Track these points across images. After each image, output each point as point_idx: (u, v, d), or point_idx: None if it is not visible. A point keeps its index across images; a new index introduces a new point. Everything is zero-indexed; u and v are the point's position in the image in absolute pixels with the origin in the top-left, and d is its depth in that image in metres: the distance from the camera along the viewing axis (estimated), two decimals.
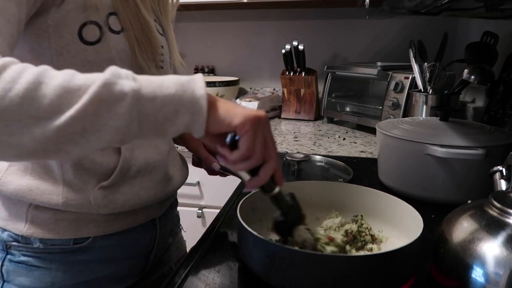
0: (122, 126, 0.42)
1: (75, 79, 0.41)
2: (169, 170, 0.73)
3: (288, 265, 0.53)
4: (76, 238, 0.64)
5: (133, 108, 0.42)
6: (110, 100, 0.41)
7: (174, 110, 0.44)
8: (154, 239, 0.74)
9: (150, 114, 0.43)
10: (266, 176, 0.52)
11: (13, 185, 0.61)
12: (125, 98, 0.41)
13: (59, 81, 0.41)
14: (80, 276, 0.65)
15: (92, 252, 0.65)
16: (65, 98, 0.40)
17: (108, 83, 0.41)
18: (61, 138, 0.41)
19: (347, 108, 1.76)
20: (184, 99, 0.44)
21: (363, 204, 0.72)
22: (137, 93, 0.42)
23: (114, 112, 0.41)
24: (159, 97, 0.43)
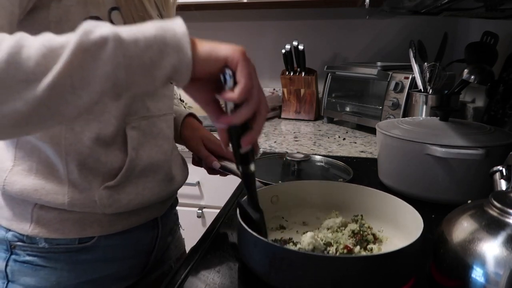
0: (109, 72, 0.41)
1: (55, 38, 0.41)
2: (172, 170, 0.74)
3: (288, 266, 0.53)
4: (81, 238, 0.64)
5: (117, 51, 0.41)
6: (92, 48, 0.40)
7: (159, 50, 0.43)
8: (155, 238, 0.75)
9: (135, 57, 0.42)
10: (260, 128, 0.49)
11: (18, 185, 0.62)
12: (107, 42, 0.41)
13: (40, 42, 0.40)
14: (84, 275, 0.66)
15: (96, 252, 0.66)
16: (49, 57, 0.40)
17: (87, 31, 0.41)
18: (52, 98, 0.40)
19: (347, 108, 1.76)
20: (167, 38, 0.43)
21: (363, 204, 0.72)
22: (118, 36, 0.41)
23: (98, 59, 0.40)
24: (141, 39, 0.42)
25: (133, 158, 0.65)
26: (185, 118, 0.85)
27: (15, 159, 0.63)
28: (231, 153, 0.84)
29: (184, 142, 0.84)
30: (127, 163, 0.64)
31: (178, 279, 0.60)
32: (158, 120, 0.69)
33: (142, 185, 0.67)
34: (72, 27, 0.56)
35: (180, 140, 0.85)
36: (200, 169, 0.88)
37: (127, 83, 0.43)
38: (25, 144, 0.62)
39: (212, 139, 0.84)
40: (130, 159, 0.64)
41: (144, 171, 0.67)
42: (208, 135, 0.84)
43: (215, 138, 0.85)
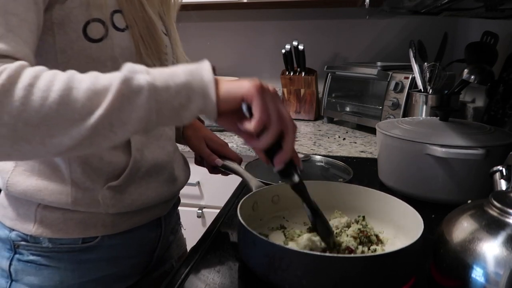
0: (143, 116, 0.46)
1: (99, 81, 0.46)
2: (175, 170, 0.74)
3: (288, 265, 0.53)
4: (84, 238, 0.64)
5: (150, 99, 0.46)
6: (130, 94, 0.45)
7: (187, 96, 0.48)
8: (158, 237, 0.75)
9: (166, 102, 0.47)
10: (289, 148, 0.52)
11: (21, 186, 0.62)
12: (142, 90, 0.46)
13: (86, 85, 0.45)
14: (87, 274, 0.66)
15: (99, 251, 0.66)
16: (94, 100, 0.45)
17: (127, 79, 0.46)
18: (93, 135, 0.45)
19: (347, 108, 1.76)
20: (194, 86, 0.48)
21: (363, 204, 0.72)
22: (152, 85, 0.46)
23: (135, 104, 0.46)
24: (172, 86, 0.47)
25: (137, 159, 0.65)
26: None
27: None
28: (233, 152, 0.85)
29: (187, 142, 0.85)
30: (131, 164, 0.64)
31: (178, 279, 0.60)
32: None
33: (145, 185, 0.67)
34: (74, 29, 0.56)
35: (182, 139, 0.85)
36: (200, 169, 0.88)
37: (157, 123, 0.48)
38: None
39: (214, 138, 0.85)
40: (135, 160, 0.65)
41: (148, 172, 0.67)
42: (210, 134, 0.85)
43: (217, 138, 0.85)
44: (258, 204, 0.71)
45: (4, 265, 0.65)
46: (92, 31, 0.57)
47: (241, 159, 0.85)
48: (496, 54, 1.20)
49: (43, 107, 0.43)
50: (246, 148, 1.44)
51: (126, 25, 0.61)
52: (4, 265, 0.65)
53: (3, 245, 0.65)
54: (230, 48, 2.13)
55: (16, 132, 0.43)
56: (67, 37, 0.57)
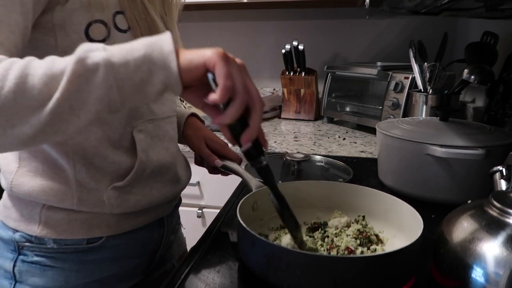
0: (103, 95, 0.45)
1: (55, 64, 0.45)
2: (178, 171, 0.75)
3: (286, 265, 0.53)
4: (89, 238, 0.64)
5: (108, 76, 0.44)
6: (86, 74, 0.44)
7: (148, 70, 0.45)
8: (161, 237, 0.76)
9: (126, 79, 0.45)
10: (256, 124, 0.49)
11: (25, 187, 0.62)
12: (98, 68, 0.44)
13: (42, 70, 0.44)
14: (92, 275, 0.66)
15: (104, 252, 0.66)
16: (50, 84, 0.44)
17: (81, 59, 0.44)
18: (55, 121, 0.44)
19: (347, 108, 1.76)
20: (154, 58, 0.45)
21: (363, 204, 0.72)
22: (109, 61, 0.44)
23: (92, 83, 0.44)
24: (131, 61, 0.45)
25: (143, 161, 0.65)
26: (187, 118, 0.86)
27: (20, 161, 0.63)
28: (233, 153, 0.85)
29: (187, 142, 0.85)
30: (137, 165, 0.64)
31: (178, 279, 0.60)
32: (163, 122, 0.70)
33: (150, 185, 0.68)
34: (76, 31, 0.56)
35: (183, 139, 0.85)
36: (200, 169, 0.88)
37: (121, 101, 0.46)
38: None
39: (214, 138, 0.85)
40: (140, 161, 0.65)
41: (153, 173, 0.68)
42: (210, 134, 0.85)
43: (217, 138, 0.85)
44: (258, 204, 0.71)
45: (7, 266, 0.65)
46: (94, 33, 0.57)
47: (241, 159, 0.85)
48: (496, 54, 1.20)
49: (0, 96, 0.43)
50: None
51: (128, 26, 0.61)
52: (8, 266, 0.65)
53: (7, 246, 0.65)
54: (230, 48, 2.11)
55: None
56: (69, 38, 0.57)
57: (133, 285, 0.73)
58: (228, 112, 0.47)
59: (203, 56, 0.47)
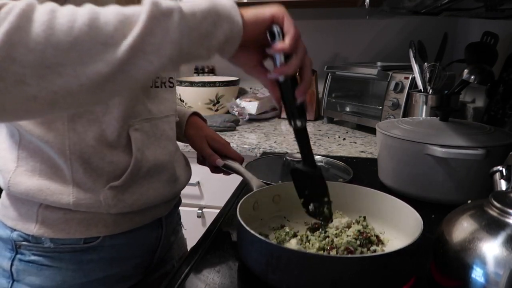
0: (176, 39, 0.45)
1: (126, 9, 0.44)
2: (176, 170, 0.75)
3: (285, 265, 0.53)
4: (86, 238, 0.64)
5: (181, 21, 0.45)
6: (161, 17, 0.44)
7: (212, 22, 0.47)
8: (160, 237, 0.75)
9: (194, 28, 0.46)
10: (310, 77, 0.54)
11: (22, 186, 0.62)
12: (173, 13, 0.44)
13: (113, 11, 0.43)
14: (89, 275, 0.66)
15: (101, 251, 0.66)
16: (125, 23, 0.43)
17: (155, 2, 0.44)
18: (129, 62, 0.43)
19: (347, 108, 1.76)
20: (219, 10, 0.47)
21: (363, 204, 0.72)
22: (180, 8, 0.45)
23: (167, 27, 0.44)
24: (198, 12, 0.46)
25: (138, 159, 0.65)
26: (189, 117, 0.86)
27: (18, 160, 0.63)
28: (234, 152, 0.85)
29: (189, 141, 0.85)
30: (132, 164, 0.64)
31: (178, 279, 0.60)
32: (161, 122, 0.70)
33: (147, 185, 0.67)
34: None
35: (184, 139, 0.85)
36: (200, 169, 0.88)
37: (188, 52, 0.46)
38: (28, 145, 0.62)
39: (216, 138, 0.85)
40: (136, 160, 0.65)
41: (149, 172, 0.68)
42: (211, 134, 0.85)
43: (219, 137, 0.86)
44: (259, 203, 0.71)
45: (5, 265, 0.65)
46: None
47: (243, 158, 0.85)
48: (496, 54, 1.20)
49: (73, 30, 0.40)
50: (246, 148, 1.44)
51: None
52: (6, 265, 0.65)
53: (5, 245, 0.65)
54: None
55: (45, 59, 0.39)
56: None
57: (132, 285, 0.72)
58: (292, 63, 0.52)
59: (269, 10, 0.51)
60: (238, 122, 1.78)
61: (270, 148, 1.42)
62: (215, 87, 1.85)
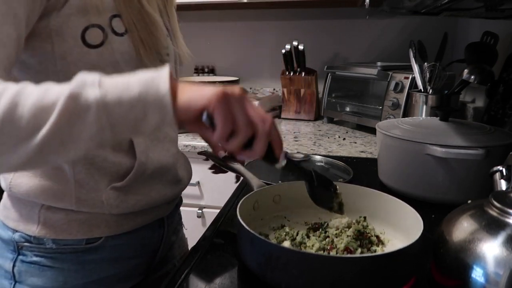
0: (94, 134, 0.44)
1: (48, 95, 0.43)
2: (178, 171, 0.75)
3: (284, 265, 0.53)
4: (88, 238, 0.64)
5: (101, 116, 0.43)
6: (77, 112, 0.43)
7: (142, 110, 0.44)
8: (161, 237, 0.75)
9: (119, 118, 0.44)
10: (259, 149, 0.49)
11: (24, 187, 0.62)
12: (90, 108, 0.43)
13: (33, 101, 0.43)
14: (91, 275, 0.66)
15: (103, 252, 0.66)
16: (40, 117, 0.42)
17: (74, 95, 0.43)
18: (44, 152, 0.43)
19: (347, 108, 1.76)
20: (149, 100, 0.44)
21: (363, 204, 0.72)
22: (102, 100, 0.43)
23: (83, 122, 0.43)
24: (125, 100, 0.44)
25: (142, 162, 0.65)
26: None
27: None
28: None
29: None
30: (137, 166, 0.64)
31: (178, 278, 0.60)
32: None
33: (149, 186, 0.68)
34: (73, 36, 0.56)
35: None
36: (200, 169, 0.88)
37: (113, 138, 0.45)
38: None
39: None
40: (140, 162, 0.65)
41: (153, 174, 0.68)
42: None
43: None
44: (259, 203, 0.71)
45: (7, 266, 0.65)
46: (90, 37, 0.57)
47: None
48: (496, 54, 1.20)
49: None
50: None
51: (126, 29, 0.60)
52: (8, 266, 0.65)
53: (7, 247, 0.65)
54: (230, 48, 2.13)
55: None
56: (65, 44, 0.56)
57: (133, 285, 0.73)
58: (230, 144, 0.48)
59: (202, 98, 0.46)
60: None
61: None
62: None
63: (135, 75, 0.46)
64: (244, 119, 0.47)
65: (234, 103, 0.47)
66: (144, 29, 0.62)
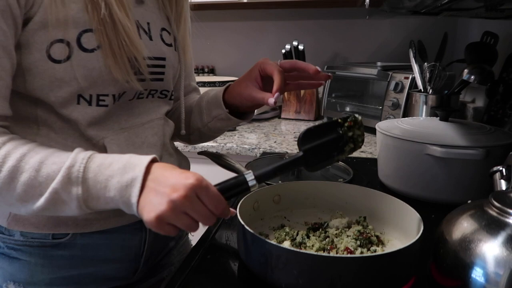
0: (75, 212, 0.56)
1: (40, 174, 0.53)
2: None
3: (283, 264, 0.53)
4: (54, 234, 0.64)
5: (81, 205, 0.54)
6: (63, 200, 0.54)
7: (114, 206, 0.55)
8: (144, 241, 0.72)
9: (96, 207, 0.56)
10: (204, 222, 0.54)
11: None
12: (72, 202, 0.54)
13: (25, 178, 0.53)
14: (59, 271, 0.66)
15: (72, 249, 0.66)
16: (30, 194, 0.54)
17: (59, 191, 0.53)
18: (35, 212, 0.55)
19: (347, 108, 1.76)
20: (121, 203, 0.54)
21: (363, 204, 0.72)
22: (83, 197, 0.54)
23: (67, 206, 0.55)
24: (102, 198, 0.54)
25: None
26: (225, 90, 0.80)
27: None
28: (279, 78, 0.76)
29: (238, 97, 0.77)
30: None
31: (178, 279, 0.60)
32: (141, 129, 0.68)
33: None
34: (39, 49, 0.56)
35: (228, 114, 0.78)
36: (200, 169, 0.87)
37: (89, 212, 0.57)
38: None
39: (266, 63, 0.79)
40: None
41: None
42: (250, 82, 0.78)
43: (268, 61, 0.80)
44: (259, 203, 0.71)
45: None
46: (55, 52, 0.57)
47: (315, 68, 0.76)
48: (496, 54, 1.20)
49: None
50: (246, 148, 1.44)
51: (98, 44, 0.58)
52: None
53: None
54: (230, 48, 2.13)
55: None
56: (31, 56, 0.56)
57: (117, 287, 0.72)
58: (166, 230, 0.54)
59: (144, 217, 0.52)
60: None
61: (270, 148, 1.42)
62: (215, 87, 1.85)
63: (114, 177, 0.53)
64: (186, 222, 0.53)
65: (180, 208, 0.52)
66: (120, 44, 0.60)
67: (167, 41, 0.71)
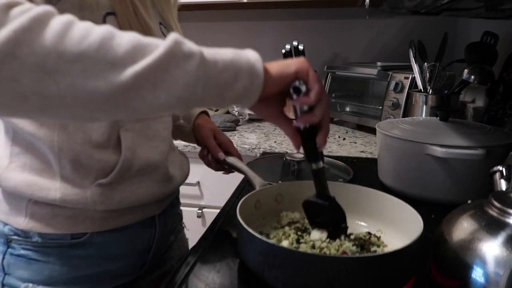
0: (190, 83, 0.43)
1: (144, 38, 0.43)
2: (169, 170, 0.74)
3: (281, 264, 0.53)
4: (73, 234, 0.64)
5: (200, 67, 0.44)
6: (180, 56, 0.43)
7: (234, 74, 0.46)
8: (153, 237, 0.75)
9: (213, 76, 0.45)
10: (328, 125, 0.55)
11: (12, 181, 0.62)
12: (194, 56, 0.43)
13: (130, 36, 0.42)
14: (77, 270, 0.66)
15: (89, 248, 0.66)
16: (139, 50, 0.41)
17: (178, 41, 0.43)
18: (132, 90, 0.41)
19: (347, 108, 1.76)
20: (242, 64, 0.47)
21: (363, 204, 0.72)
22: (202, 54, 0.44)
23: (183, 68, 0.43)
24: (220, 61, 0.45)
25: (128, 158, 0.65)
26: (199, 113, 0.90)
27: (11, 156, 0.64)
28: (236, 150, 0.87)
29: (196, 131, 0.88)
30: (121, 162, 0.64)
31: (178, 278, 0.60)
32: (154, 122, 0.70)
33: (136, 184, 0.67)
34: None
35: (191, 131, 0.88)
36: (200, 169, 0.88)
37: (201, 99, 0.45)
38: (21, 141, 0.63)
39: (221, 133, 0.89)
40: (125, 158, 0.64)
41: (140, 171, 0.67)
42: (217, 128, 0.89)
43: (223, 134, 0.89)
44: (261, 202, 0.71)
45: None
46: None
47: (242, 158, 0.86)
48: (496, 54, 1.20)
49: (82, 43, 0.39)
50: (246, 148, 1.44)
51: (120, 27, 0.59)
52: None
53: None
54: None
55: (45, 64, 0.38)
56: None
57: (126, 284, 0.72)
58: (316, 113, 0.53)
59: (294, 65, 0.51)
60: (238, 122, 1.78)
61: (270, 148, 1.42)
62: None
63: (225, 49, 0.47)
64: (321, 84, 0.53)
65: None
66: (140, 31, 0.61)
67: (165, 33, 0.72)
